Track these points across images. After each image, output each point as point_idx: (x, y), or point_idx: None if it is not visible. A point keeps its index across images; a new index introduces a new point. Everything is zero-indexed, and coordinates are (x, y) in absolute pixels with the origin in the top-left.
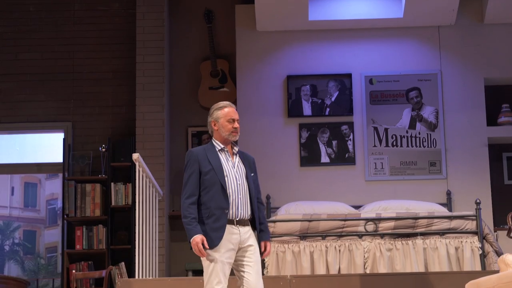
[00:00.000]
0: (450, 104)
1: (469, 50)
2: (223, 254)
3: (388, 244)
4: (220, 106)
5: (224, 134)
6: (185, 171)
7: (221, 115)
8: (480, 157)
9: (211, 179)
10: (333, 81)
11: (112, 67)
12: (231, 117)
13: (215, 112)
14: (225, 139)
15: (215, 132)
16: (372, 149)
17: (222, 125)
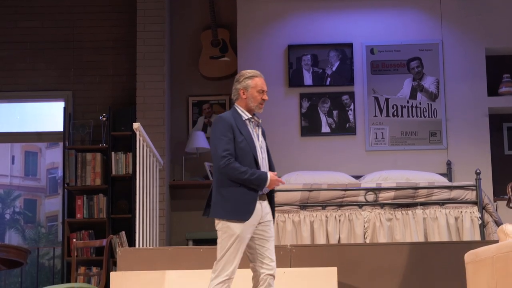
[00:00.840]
0: (451, 74)
1: (471, 20)
2: (247, 229)
3: (388, 214)
4: (251, 75)
5: (252, 105)
6: (216, 135)
7: (252, 84)
8: (481, 128)
9: (244, 149)
10: (334, 50)
11: (112, 35)
12: (261, 88)
13: (245, 80)
14: (250, 109)
15: (241, 100)
16: (372, 119)
17: (252, 95)
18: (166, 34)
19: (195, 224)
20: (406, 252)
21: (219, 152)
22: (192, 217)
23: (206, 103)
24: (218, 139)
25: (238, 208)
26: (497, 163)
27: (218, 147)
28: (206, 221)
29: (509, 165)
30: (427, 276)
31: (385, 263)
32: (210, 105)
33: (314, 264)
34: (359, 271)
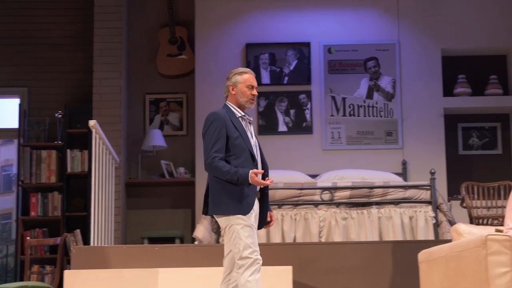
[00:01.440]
0: (407, 74)
1: (427, 21)
2: (253, 220)
3: (343, 213)
4: (240, 71)
5: (242, 100)
6: (209, 131)
7: (241, 80)
8: (436, 128)
9: (240, 146)
10: (292, 49)
11: (69, 32)
12: (250, 83)
13: (234, 76)
14: (241, 105)
15: (231, 96)
16: (329, 118)
17: (241, 90)
18: (124, 31)
19: (151, 222)
20: (361, 251)
21: (207, 150)
22: (148, 215)
23: (163, 101)
24: (210, 136)
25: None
26: (451, 163)
27: (208, 145)
28: (162, 219)
29: (464, 165)
30: (382, 275)
31: (340, 262)
32: (167, 103)
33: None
34: (314, 270)
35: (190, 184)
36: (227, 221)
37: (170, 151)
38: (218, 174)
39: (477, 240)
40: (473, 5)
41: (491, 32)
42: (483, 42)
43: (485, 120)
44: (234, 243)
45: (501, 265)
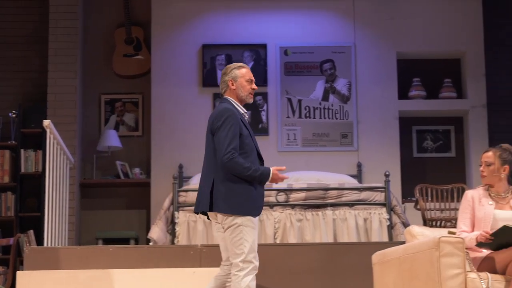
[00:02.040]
0: (363, 77)
1: (383, 24)
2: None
3: (298, 214)
4: (238, 66)
5: (243, 94)
6: (224, 127)
7: (240, 74)
8: (391, 130)
9: (250, 145)
10: (248, 51)
11: (24, 31)
12: (249, 77)
13: (233, 71)
14: (242, 99)
15: (231, 91)
16: (285, 120)
17: (241, 84)
18: (79, 31)
19: (106, 223)
20: (315, 253)
21: (225, 146)
22: (102, 216)
23: (119, 101)
24: (226, 132)
25: (250, 203)
26: (406, 165)
27: (225, 140)
28: (117, 220)
29: (418, 168)
30: (336, 276)
31: (295, 263)
32: (123, 104)
33: None
34: (269, 272)
35: (146, 185)
36: (235, 220)
37: (125, 152)
38: (238, 170)
39: (430, 242)
40: (428, 9)
41: (445, 36)
42: (437, 46)
43: (439, 123)
44: (238, 244)
45: (453, 266)
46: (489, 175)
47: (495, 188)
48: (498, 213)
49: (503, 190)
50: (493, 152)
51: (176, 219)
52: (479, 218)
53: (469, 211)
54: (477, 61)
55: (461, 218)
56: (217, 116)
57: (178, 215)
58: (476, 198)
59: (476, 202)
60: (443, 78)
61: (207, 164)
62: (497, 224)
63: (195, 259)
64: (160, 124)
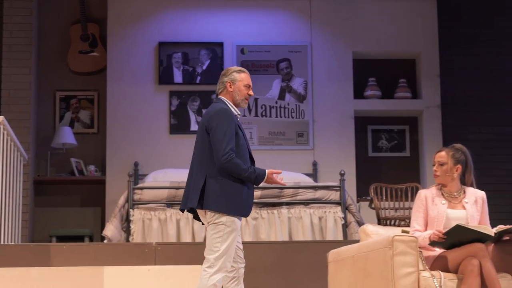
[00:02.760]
0: (319, 76)
1: (339, 24)
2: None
3: (254, 213)
4: (238, 70)
5: (239, 98)
6: (222, 127)
7: (239, 78)
8: (346, 129)
9: (243, 146)
10: (205, 49)
11: None
12: (248, 83)
13: (233, 73)
14: (236, 103)
15: (227, 93)
16: (241, 118)
17: (239, 88)
18: (34, 27)
19: (60, 220)
20: (270, 251)
21: (223, 146)
22: (57, 213)
23: (74, 98)
24: (224, 132)
25: (242, 203)
26: (361, 164)
27: (223, 140)
28: (71, 217)
29: (373, 167)
30: (291, 275)
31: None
32: (78, 100)
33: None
34: None
35: (101, 182)
36: (220, 218)
37: (80, 149)
38: (236, 171)
39: (383, 240)
40: (384, 10)
41: (401, 37)
42: (393, 46)
43: (394, 123)
44: (216, 241)
45: (406, 265)
46: (442, 174)
47: (448, 188)
48: (450, 213)
49: (456, 190)
50: (446, 152)
51: (131, 216)
52: (432, 218)
53: (422, 210)
54: (431, 62)
55: (415, 217)
56: (214, 115)
57: (133, 213)
58: (429, 198)
59: (429, 202)
60: (398, 78)
61: (198, 160)
62: (449, 223)
63: (150, 257)
64: (115, 121)
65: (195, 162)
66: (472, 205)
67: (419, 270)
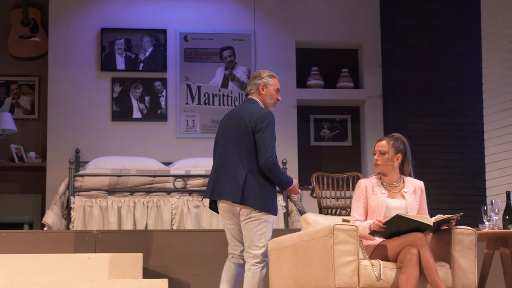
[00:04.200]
0: (262, 64)
1: (283, 12)
2: None
3: (196, 201)
4: (271, 74)
5: (269, 102)
6: (269, 129)
7: (272, 82)
8: (289, 118)
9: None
10: (148, 36)
11: None
12: (278, 87)
13: (266, 77)
14: (266, 105)
15: (259, 95)
16: (184, 106)
17: (270, 92)
18: None
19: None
20: (212, 239)
21: (270, 148)
22: None
23: (15, 83)
24: (271, 135)
25: (275, 202)
26: (303, 153)
27: (270, 143)
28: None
29: (315, 156)
30: None
31: (192, 249)
32: (18, 86)
33: (120, 250)
34: (165, 257)
35: (41, 169)
36: (262, 216)
37: (20, 135)
38: (276, 173)
39: (324, 229)
40: (328, 0)
41: (344, 27)
42: (336, 36)
43: (337, 112)
44: (261, 237)
45: (346, 254)
46: (383, 164)
47: (388, 177)
48: (390, 202)
49: (396, 179)
50: (386, 141)
51: (71, 204)
52: (372, 207)
53: (362, 200)
54: (373, 52)
55: (355, 207)
56: (261, 117)
57: (74, 200)
58: (369, 187)
59: (369, 191)
60: (341, 68)
61: (237, 157)
62: (389, 212)
63: (91, 244)
64: (57, 107)
65: (233, 157)
66: (411, 195)
67: (359, 259)
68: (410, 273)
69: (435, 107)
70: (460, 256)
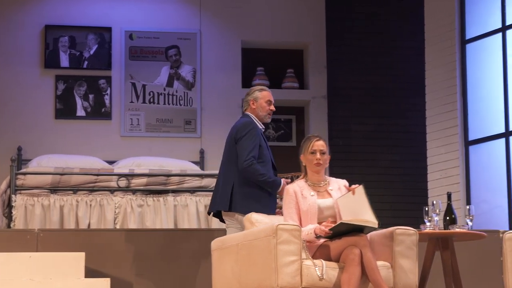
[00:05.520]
0: (207, 64)
1: (229, 12)
2: None
3: (139, 200)
4: (260, 88)
5: (261, 114)
6: (247, 137)
7: (261, 96)
8: (234, 118)
9: (267, 156)
10: (92, 34)
11: None
12: (269, 99)
13: (255, 92)
14: (260, 117)
15: (251, 109)
16: (129, 104)
17: (261, 105)
18: None
19: None
20: (155, 239)
21: (246, 153)
22: None
23: None
24: (248, 142)
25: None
26: None
27: (246, 148)
28: None
29: None
30: (176, 262)
31: (135, 249)
32: None
33: (62, 249)
34: (108, 257)
35: None
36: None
37: None
38: (255, 176)
39: (268, 229)
40: (273, 0)
41: (289, 27)
42: (281, 36)
43: (281, 113)
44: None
45: (289, 253)
46: (324, 163)
47: (316, 177)
48: (321, 203)
49: (324, 179)
50: (323, 141)
51: (13, 202)
52: (305, 211)
53: (293, 205)
54: (319, 53)
55: (287, 214)
56: (241, 127)
57: (16, 199)
58: (298, 192)
59: (299, 196)
60: (286, 69)
61: (226, 169)
62: (322, 213)
63: (32, 243)
64: None
65: (225, 170)
66: (337, 192)
67: (302, 259)
68: (352, 273)
69: (379, 108)
70: (402, 256)
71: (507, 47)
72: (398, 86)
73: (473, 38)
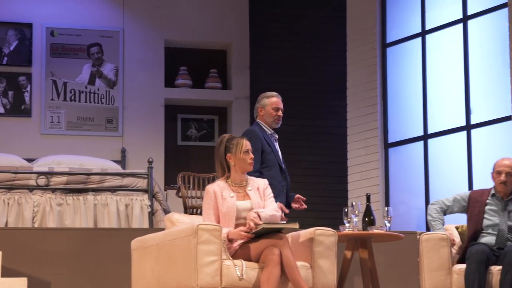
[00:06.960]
0: (130, 62)
1: (152, 10)
2: None
3: (59, 199)
4: (268, 95)
5: (269, 120)
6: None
7: (268, 103)
8: (156, 117)
9: (272, 160)
10: (12, 30)
11: None
12: (276, 106)
13: (263, 99)
14: (268, 124)
15: (260, 116)
16: (49, 102)
17: (268, 112)
18: None
19: None
20: (75, 238)
21: None
22: None
23: None
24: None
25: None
26: (170, 153)
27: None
28: None
29: (181, 155)
30: (96, 262)
31: (53, 248)
32: None
33: None
34: (26, 256)
35: None
36: None
37: None
38: None
39: (188, 229)
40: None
41: (212, 27)
42: (204, 36)
43: (204, 113)
44: None
45: (209, 253)
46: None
47: (240, 178)
48: (239, 205)
49: (245, 179)
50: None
51: None
52: (224, 213)
53: (212, 206)
54: (242, 54)
55: (206, 214)
56: (243, 135)
57: None
58: (218, 193)
59: (218, 197)
60: (210, 69)
61: None
62: (240, 214)
63: None
64: None
65: None
66: (255, 192)
67: (222, 259)
68: (271, 273)
69: (300, 110)
70: (321, 256)
71: (426, 51)
72: (320, 88)
73: (394, 42)
